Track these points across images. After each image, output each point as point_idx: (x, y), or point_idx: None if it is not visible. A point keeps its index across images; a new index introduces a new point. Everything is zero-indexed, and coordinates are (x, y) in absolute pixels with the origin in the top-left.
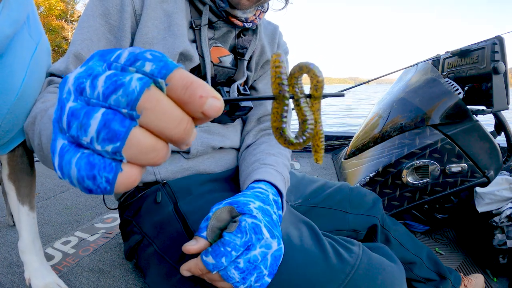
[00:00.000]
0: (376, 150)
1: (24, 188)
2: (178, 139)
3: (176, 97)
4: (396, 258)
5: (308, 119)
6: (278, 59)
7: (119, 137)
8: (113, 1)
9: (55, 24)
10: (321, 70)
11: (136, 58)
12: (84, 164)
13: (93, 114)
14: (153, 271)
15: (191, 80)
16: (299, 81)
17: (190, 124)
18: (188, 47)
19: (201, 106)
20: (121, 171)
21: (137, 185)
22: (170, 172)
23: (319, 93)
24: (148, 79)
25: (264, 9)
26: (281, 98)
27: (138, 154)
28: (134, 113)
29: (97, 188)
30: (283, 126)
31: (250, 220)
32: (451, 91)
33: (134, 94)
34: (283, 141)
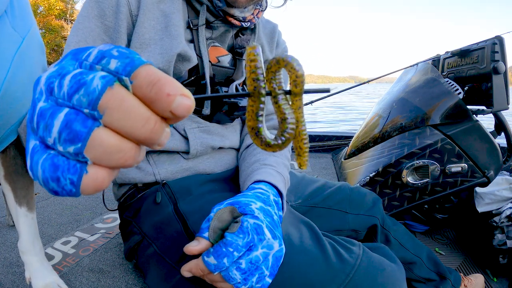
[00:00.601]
0: (376, 150)
1: (20, 190)
2: (145, 139)
3: (142, 95)
4: (396, 258)
5: (287, 117)
6: (253, 52)
7: (80, 138)
8: (109, 2)
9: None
10: (300, 63)
11: (103, 56)
12: (48, 165)
13: (58, 114)
14: (153, 272)
15: (158, 77)
16: (277, 76)
17: (159, 124)
18: (186, 48)
19: (169, 105)
20: (86, 173)
21: (137, 185)
22: (170, 172)
23: (299, 89)
24: (111, 77)
25: (263, 8)
26: (257, 94)
27: (102, 155)
28: (96, 113)
29: (62, 190)
30: (259, 126)
31: (252, 220)
32: (451, 91)
33: (95, 93)
34: (259, 142)
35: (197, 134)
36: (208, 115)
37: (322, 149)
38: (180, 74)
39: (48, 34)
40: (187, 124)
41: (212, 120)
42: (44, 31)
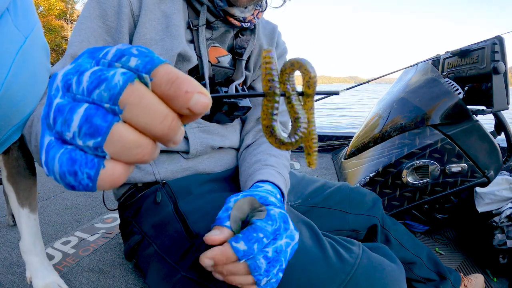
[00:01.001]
0: (376, 150)
1: (23, 191)
2: (163, 135)
3: (161, 93)
4: (396, 258)
5: (300, 117)
6: (269, 55)
7: (100, 132)
8: (111, 2)
9: (55, 23)
10: (313, 66)
11: (122, 54)
12: (66, 159)
13: (77, 109)
14: (153, 271)
15: (176, 75)
16: (290, 78)
17: (176, 120)
18: (186, 48)
19: (187, 102)
20: (103, 167)
21: (137, 185)
22: (170, 172)
23: (312, 90)
24: (132, 73)
25: (263, 8)
26: (271, 95)
27: (121, 150)
28: (117, 108)
29: (79, 185)
30: (273, 124)
31: (278, 210)
32: (451, 91)
33: (116, 88)
34: (273, 140)
35: (197, 134)
36: (208, 115)
37: (322, 149)
38: None
39: (48, 34)
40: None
41: (212, 120)
42: (44, 31)
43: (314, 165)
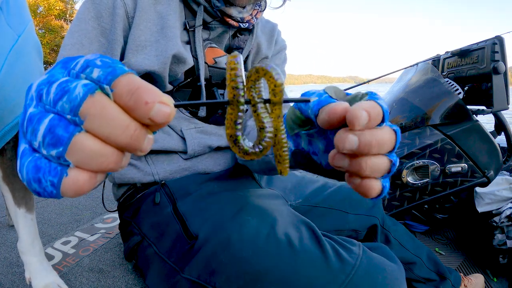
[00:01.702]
0: None
1: (19, 191)
2: (126, 145)
3: (123, 103)
4: (396, 258)
5: (266, 126)
6: (234, 61)
7: (62, 142)
8: (106, 4)
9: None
10: (280, 72)
11: (87, 65)
12: (32, 167)
13: (43, 119)
14: (153, 272)
15: (137, 85)
16: (257, 85)
17: (139, 130)
18: (181, 49)
19: (147, 113)
20: (66, 175)
21: (136, 185)
22: (169, 172)
23: (278, 98)
24: (93, 85)
25: (262, 8)
26: (235, 103)
27: (84, 159)
28: (77, 119)
29: (43, 191)
30: (237, 134)
31: None
32: (451, 91)
33: (76, 100)
34: (237, 150)
35: (194, 134)
36: (205, 117)
37: None
38: (176, 76)
39: (48, 34)
40: (184, 125)
41: (209, 121)
42: (43, 31)
43: (286, 173)
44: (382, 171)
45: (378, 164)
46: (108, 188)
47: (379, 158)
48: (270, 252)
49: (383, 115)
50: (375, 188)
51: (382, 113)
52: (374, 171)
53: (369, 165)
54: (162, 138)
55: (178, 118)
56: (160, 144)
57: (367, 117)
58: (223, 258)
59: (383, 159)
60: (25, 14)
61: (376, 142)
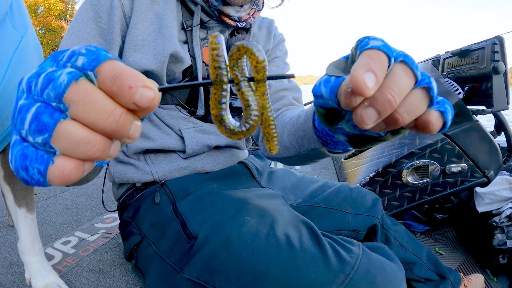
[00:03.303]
0: (376, 150)
1: (19, 191)
2: (112, 131)
3: (107, 89)
4: (396, 258)
5: (251, 104)
6: (215, 41)
7: (47, 128)
8: (103, 4)
9: (55, 24)
10: (261, 49)
11: (73, 54)
12: (19, 155)
13: (31, 108)
14: (153, 272)
15: (120, 71)
16: (239, 63)
17: (125, 115)
18: (178, 49)
19: (131, 97)
20: (52, 163)
21: (135, 185)
22: (168, 171)
23: (262, 75)
24: (77, 72)
25: (259, 8)
26: (219, 82)
27: (70, 146)
28: (62, 106)
29: (31, 179)
30: (222, 113)
31: None
32: (451, 91)
33: (61, 87)
34: (223, 130)
35: (193, 133)
36: (203, 115)
37: None
38: (174, 76)
39: (48, 35)
40: (182, 124)
41: (207, 120)
42: (44, 31)
43: (275, 150)
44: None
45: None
46: (108, 188)
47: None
48: (270, 252)
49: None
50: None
51: (387, 57)
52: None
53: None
54: (161, 137)
55: (177, 118)
56: (159, 143)
57: (372, 76)
58: (223, 258)
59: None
60: (25, 15)
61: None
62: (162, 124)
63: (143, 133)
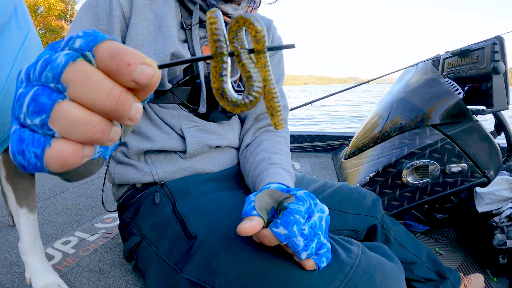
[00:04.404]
0: (376, 150)
1: (21, 191)
2: (111, 111)
3: (105, 68)
4: (396, 257)
5: (252, 75)
6: (213, 16)
7: (45, 109)
8: (102, 6)
9: (55, 24)
10: (260, 20)
11: (70, 38)
12: (16, 139)
13: (29, 92)
14: (153, 273)
15: (118, 49)
16: (238, 36)
17: (124, 94)
18: (179, 48)
19: (131, 74)
20: (49, 146)
21: (135, 186)
22: (168, 172)
23: (262, 45)
24: (74, 53)
25: (256, 5)
26: (218, 55)
27: (68, 127)
28: (60, 86)
29: (28, 164)
30: (223, 86)
31: (302, 191)
32: (451, 91)
33: (58, 67)
34: (225, 103)
35: (194, 133)
36: (205, 113)
37: (322, 149)
38: (175, 74)
39: (48, 35)
40: (183, 123)
41: (209, 118)
42: (44, 31)
43: (280, 126)
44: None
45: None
46: (108, 189)
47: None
48: (269, 252)
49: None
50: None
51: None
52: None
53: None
54: (161, 137)
55: (178, 117)
56: (159, 144)
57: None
58: (222, 258)
59: None
60: (28, 15)
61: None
62: (163, 124)
63: (143, 133)
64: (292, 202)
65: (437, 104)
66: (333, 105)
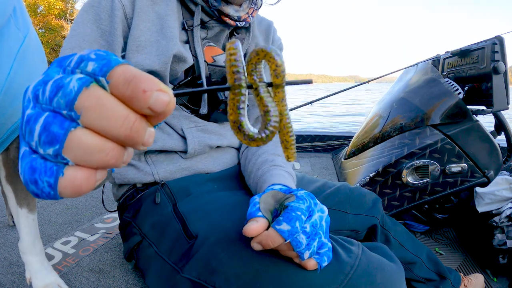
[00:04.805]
0: (376, 150)
1: (21, 191)
2: (126, 138)
3: (120, 94)
4: (396, 257)
5: (270, 110)
6: (233, 46)
7: (58, 139)
8: (104, 6)
9: (55, 23)
10: (280, 53)
11: (81, 60)
12: (28, 168)
13: (39, 118)
14: (153, 272)
15: (133, 74)
16: (257, 68)
17: (139, 121)
18: (181, 49)
19: (146, 101)
20: (62, 175)
21: (136, 186)
22: (169, 172)
23: (281, 79)
24: (88, 78)
25: (258, 6)
26: (237, 87)
27: (82, 155)
28: (73, 114)
29: (41, 193)
30: (240, 119)
31: (302, 192)
32: (451, 91)
33: (71, 94)
34: (242, 136)
35: (195, 133)
36: (206, 114)
37: (322, 149)
38: (177, 75)
39: (48, 34)
40: (184, 123)
41: (210, 119)
42: (43, 30)
43: (293, 158)
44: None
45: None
46: (108, 189)
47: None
48: (269, 252)
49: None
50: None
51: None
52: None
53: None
54: (162, 138)
55: (179, 117)
56: (160, 144)
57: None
58: (222, 257)
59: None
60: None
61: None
62: (164, 124)
63: None
64: (293, 200)
65: (437, 104)
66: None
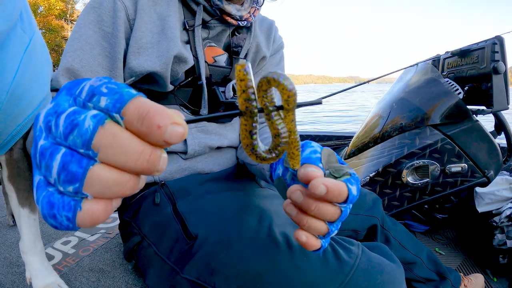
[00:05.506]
0: (376, 150)
1: (23, 191)
2: (143, 170)
3: (135, 130)
4: (396, 257)
5: (281, 133)
6: (243, 71)
7: (77, 178)
8: (106, 7)
9: (55, 23)
10: (290, 79)
11: (93, 93)
12: (46, 203)
13: (56, 155)
14: (153, 273)
15: (147, 109)
16: (268, 94)
17: (154, 153)
18: (182, 50)
19: (161, 136)
20: (80, 210)
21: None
22: (168, 172)
23: (292, 106)
24: (102, 115)
25: (259, 5)
26: (249, 114)
27: (102, 190)
28: (91, 152)
29: (60, 225)
30: (254, 143)
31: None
32: (451, 91)
33: (88, 134)
34: (255, 157)
35: (195, 134)
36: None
37: None
38: (177, 76)
39: (48, 34)
40: None
41: (210, 119)
42: (44, 31)
43: (298, 166)
44: (318, 232)
45: (316, 226)
46: None
47: (318, 223)
48: (269, 252)
49: (347, 196)
50: (313, 245)
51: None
52: (311, 229)
53: (308, 223)
54: None
55: None
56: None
57: (324, 190)
58: (222, 258)
59: (321, 224)
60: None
61: (316, 209)
62: None
63: None
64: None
65: (437, 104)
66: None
